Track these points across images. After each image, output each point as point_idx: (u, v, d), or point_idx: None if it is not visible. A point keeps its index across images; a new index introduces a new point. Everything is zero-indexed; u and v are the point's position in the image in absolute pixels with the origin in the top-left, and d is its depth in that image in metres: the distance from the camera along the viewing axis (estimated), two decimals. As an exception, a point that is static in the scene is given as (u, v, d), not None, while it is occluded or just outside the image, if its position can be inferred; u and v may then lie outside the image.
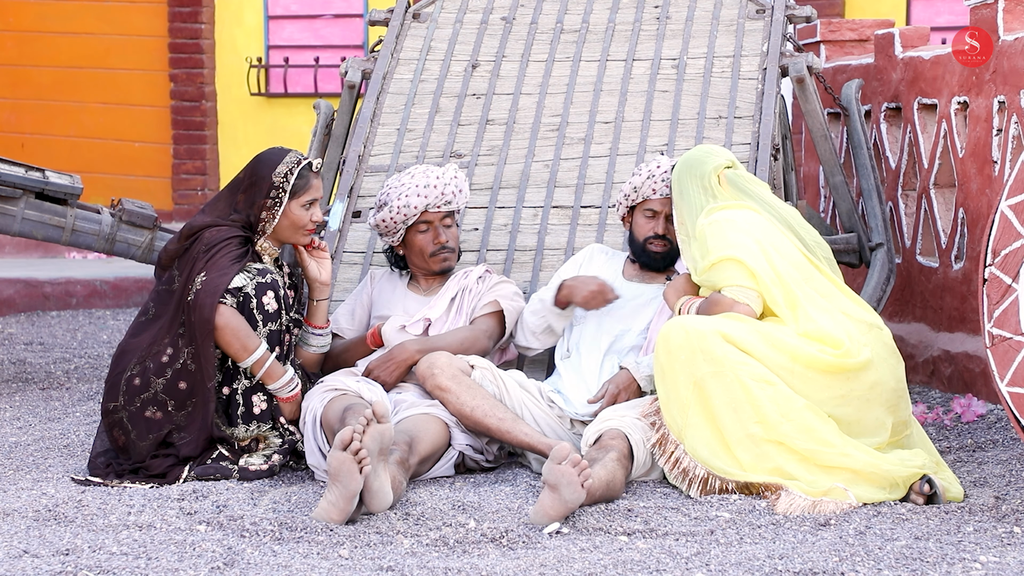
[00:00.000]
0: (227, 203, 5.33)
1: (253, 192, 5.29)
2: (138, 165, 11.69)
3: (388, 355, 5.42)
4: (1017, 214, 4.67)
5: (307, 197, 5.31)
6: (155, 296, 5.29)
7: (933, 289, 6.71)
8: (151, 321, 5.25)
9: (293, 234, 5.33)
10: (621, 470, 4.88)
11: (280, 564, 4.12)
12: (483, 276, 5.68)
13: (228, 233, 5.24)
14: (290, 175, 5.28)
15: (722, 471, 4.84)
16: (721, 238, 5.13)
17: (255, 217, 5.28)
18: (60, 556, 4.17)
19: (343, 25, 11.43)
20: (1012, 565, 4.12)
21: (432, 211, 5.58)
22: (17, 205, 6.60)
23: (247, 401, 5.20)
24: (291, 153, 5.34)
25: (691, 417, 4.91)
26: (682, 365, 4.93)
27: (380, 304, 5.67)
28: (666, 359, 4.97)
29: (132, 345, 5.23)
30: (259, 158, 5.37)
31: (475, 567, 4.13)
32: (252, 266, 5.22)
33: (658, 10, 6.96)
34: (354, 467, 4.50)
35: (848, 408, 4.92)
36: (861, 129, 6.99)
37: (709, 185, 5.27)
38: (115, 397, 5.18)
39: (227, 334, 5.10)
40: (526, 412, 5.33)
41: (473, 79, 6.76)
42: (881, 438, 4.94)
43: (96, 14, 11.68)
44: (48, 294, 9.95)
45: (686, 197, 5.29)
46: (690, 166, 5.31)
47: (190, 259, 5.22)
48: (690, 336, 4.94)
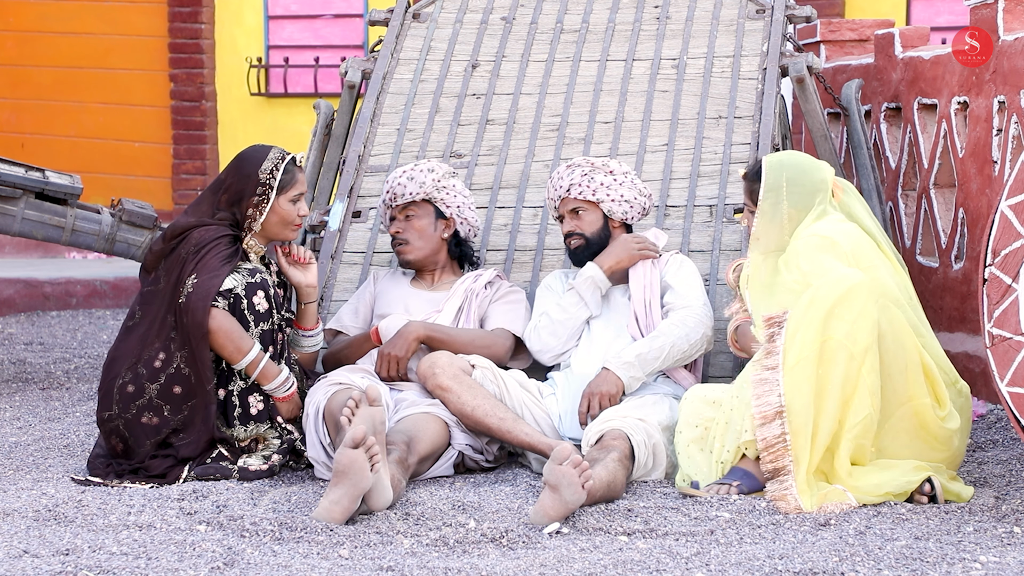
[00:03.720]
0: (210, 204, 5.29)
1: (238, 190, 5.26)
2: (138, 165, 11.69)
3: (397, 333, 5.42)
4: (1017, 214, 4.67)
5: (294, 192, 5.30)
6: (140, 299, 5.24)
7: (933, 289, 6.71)
8: (138, 325, 5.21)
9: (282, 230, 5.32)
10: (622, 471, 4.88)
11: (280, 564, 4.12)
12: (492, 281, 5.69)
13: (217, 233, 5.21)
14: (276, 171, 5.27)
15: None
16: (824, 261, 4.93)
17: (241, 215, 5.26)
18: (60, 556, 4.17)
19: (343, 25, 11.43)
20: (1012, 565, 4.12)
21: (392, 206, 5.63)
22: (17, 205, 6.60)
23: (243, 402, 5.19)
24: (274, 149, 5.33)
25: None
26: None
27: (382, 302, 5.67)
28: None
29: (122, 351, 5.19)
30: (242, 156, 5.34)
31: (475, 567, 4.13)
32: (242, 266, 5.21)
33: (658, 10, 6.96)
34: (366, 465, 4.50)
35: (901, 452, 4.90)
36: (861, 129, 6.99)
37: (823, 196, 5.08)
38: (109, 406, 5.15)
39: (220, 337, 5.09)
40: (526, 412, 5.33)
41: (473, 79, 6.76)
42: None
43: (96, 14, 11.68)
44: (48, 294, 9.95)
45: (793, 202, 5.07)
46: (802, 171, 5.11)
47: (178, 260, 5.18)
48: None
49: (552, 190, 5.60)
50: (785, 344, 4.74)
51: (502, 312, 5.58)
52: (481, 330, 5.54)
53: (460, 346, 5.42)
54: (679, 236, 6.00)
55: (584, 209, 5.56)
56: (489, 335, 5.52)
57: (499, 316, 5.57)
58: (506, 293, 5.66)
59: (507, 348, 5.52)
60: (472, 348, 5.43)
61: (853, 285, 4.76)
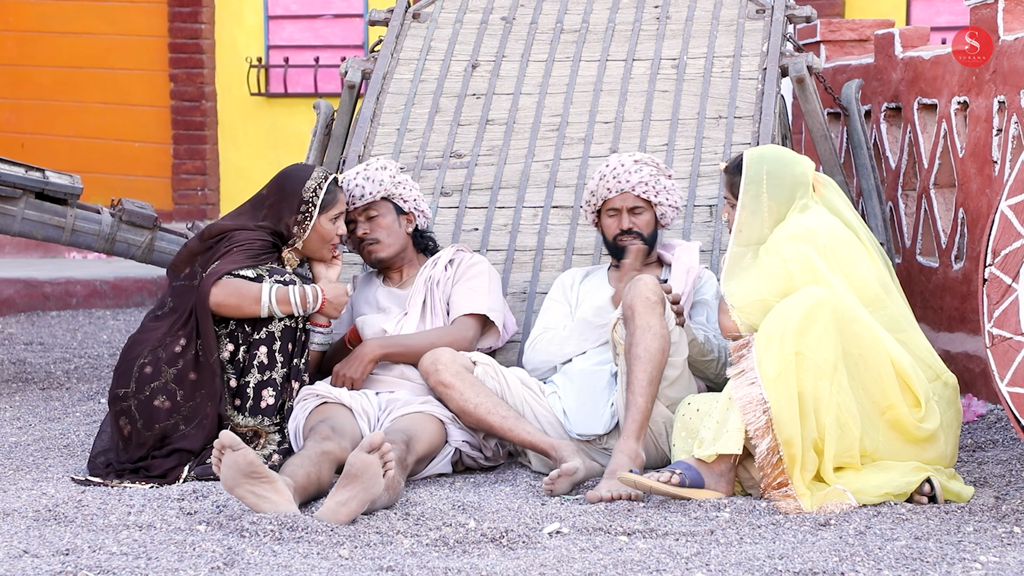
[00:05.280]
0: (250, 217, 5.40)
1: (281, 207, 5.36)
2: (138, 165, 11.69)
3: (352, 354, 5.43)
4: (1017, 214, 4.67)
5: (334, 211, 5.41)
6: (172, 292, 5.33)
7: (933, 289, 6.71)
8: (168, 314, 5.29)
9: (320, 248, 5.40)
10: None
11: (280, 564, 4.11)
12: (453, 259, 5.65)
13: (258, 235, 5.32)
14: (319, 190, 5.37)
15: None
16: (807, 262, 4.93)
17: (287, 231, 5.35)
18: (60, 556, 4.17)
19: (343, 25, 11.43)
20: (1012, 565, 4.12)
21: (350, 209, 5.59)
22: (17, 205, 6.60)
23: (257, 394, 5.22)
24: (317, 168, 5.45)
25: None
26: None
27: (359, 304, 5.69)
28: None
29: (145, 336, 5.27)
30: (285, 174, 5.45)
31: (475, 567, 4.13)
32: (268, 265, 5.27)
33: (658, 10, 6.96)
34: (379, 471, 4.51)
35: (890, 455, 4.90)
36: (861, 129, 6.99)
37: (803, 190, 5.08)
38: (125, 384, 5.21)
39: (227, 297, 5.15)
40: (527, 409, 5.33)
41: (473, 79, 6.76)
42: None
43: (96, 14, 11.68)
44: (48, 294, 9.95)
45: (774, 195, 5.07)
46: (783, 164, 5.11)
47: (212, 255, 5.29)
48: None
49: (612, 181, 5.51)
50: (758, 357, 4.75)
51: (462, 295, 5.54)
52: (441, 328, 5.51)
53: (421, 352, 5.41)
54: (679, 236, 6.00)
55: (643, 208, 5.53)
56: (450, 332, 5.49)
57: (460, 301, 5.54)
58: (466, 270, 5.61)
59: (471, 338, 5.51)
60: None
61: (816, 301, 4.78)
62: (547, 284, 5.93)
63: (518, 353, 5.76)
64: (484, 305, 5.52)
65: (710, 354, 5.33)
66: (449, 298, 5.56)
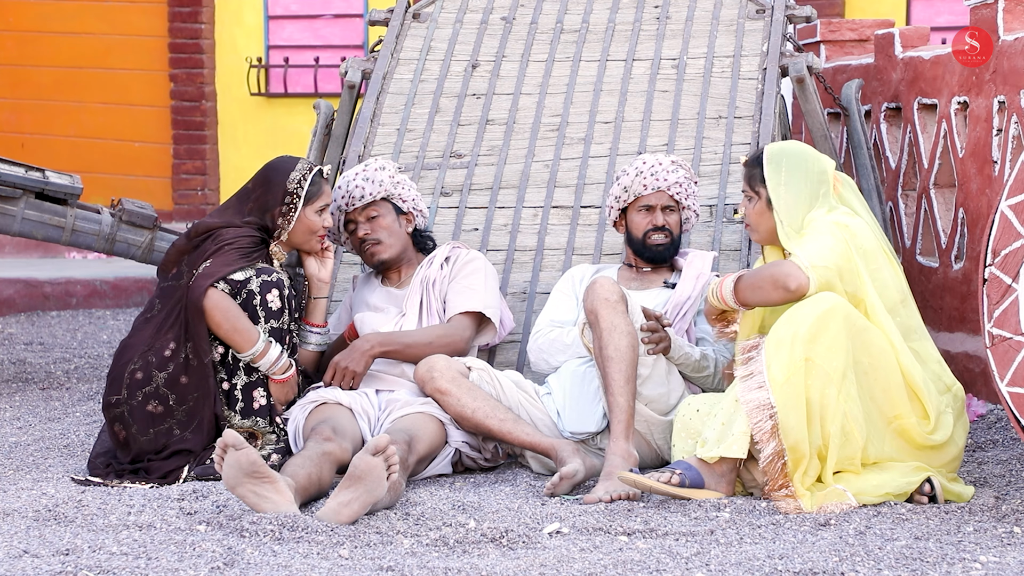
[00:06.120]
0: (236, 211, 5.38)
1: (266, 200, 5.34)
2: (138, 165, 11.69)
3: (352, 346, 5.42)
4: (1017, 214, 4.67)
5: (320, 203, 5.38)
6: (159, 292, 5.31)
7: (933, 289, 6.71)
8: (155, 317, 5.27)
9: (307, 240, 5.39)
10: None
11: (280, 564, 4.11)
12: (449, 257, 5.65)
13: (244, 232, 5.30)
14: (303, 181, 5.35)
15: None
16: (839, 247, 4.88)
17: (272, 224, 5.33)
18: (60, 556, 4.17)
19: (343, 25, 11.43)
20: (1012, 565, 4.12)
21: (350, 210, 5.59)
22: (17, 205, 6.60)
23: (247, 396, 5.22)
24: (302, 160, 5.41)
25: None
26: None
27: (358, 304, 5.69)
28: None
29: (136, 340, 5.25)
30: (270, 166, 5.42)
31: (475, 567, 4.13)
32: (258, 264, 5.25)
33: (658, 10, 6.96)
34: (383, 473, 4.51)
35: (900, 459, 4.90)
36: (861, 129, 6.99)
37: (826, 187, 5.03)
38: (117, 391, 5.20)
39: (216, 315, 5.12)
40: (523, 412, 5.33)
41: (473, 79, 6.76)
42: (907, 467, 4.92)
43: (96, 14, 11.68)
44: (48, 294, 9.95)
45: (792, 188, 5.01)
46: (805, 159, 5.06)
47: (201, 254, 5.26)
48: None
49: (649, 178, 5.50)
50: (767, 361, 4.74)
51: (458, 292, 5.54)
52: (438, 326, 5.50)
53: (419, 351, 5.40)
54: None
55: (674, 209, 5.54)
56: (447, 331, 5.48)
57: (455, 300, 5.53)
58: (462, 267, 5.60)
59: (467, 337, 5.51)
60: (432, 349, 5.41)
61: (828, 308, 4.76)
62: (547, 284, 5.93)
63: (518, 352, 5.76)
64: (480, 302, 5.52)
65: (705, 370, 5.34)
66: (445, 296, 5.56)
